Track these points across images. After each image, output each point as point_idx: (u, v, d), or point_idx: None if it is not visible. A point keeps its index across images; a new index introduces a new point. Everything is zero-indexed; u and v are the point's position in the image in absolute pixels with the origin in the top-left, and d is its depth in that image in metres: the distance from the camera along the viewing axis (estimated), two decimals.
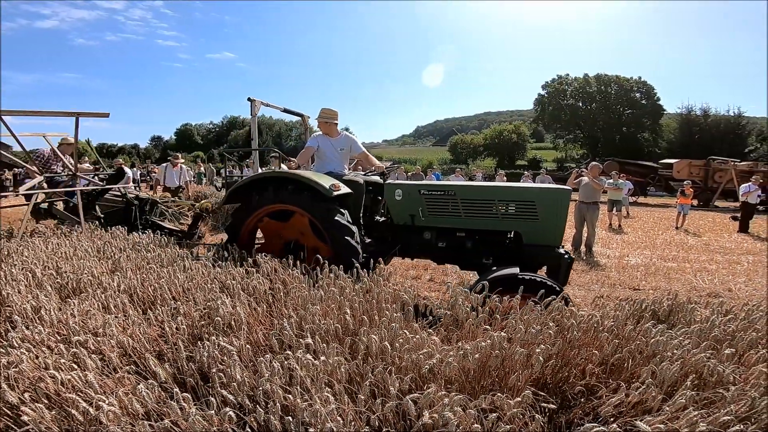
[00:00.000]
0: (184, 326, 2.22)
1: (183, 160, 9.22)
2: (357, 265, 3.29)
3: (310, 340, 1.99)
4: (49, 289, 2.73)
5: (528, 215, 3.75)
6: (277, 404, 1.51)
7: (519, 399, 1.50)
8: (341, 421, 1.47)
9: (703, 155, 24.27)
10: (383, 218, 4.58)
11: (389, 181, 4.24)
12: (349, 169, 4.81)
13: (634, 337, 2.17)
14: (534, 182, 13.10)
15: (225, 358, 1.88)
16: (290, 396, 1.60)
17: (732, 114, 42.54)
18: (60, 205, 6.14)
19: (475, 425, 1.36)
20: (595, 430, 1.26)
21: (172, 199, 6.92)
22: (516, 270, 3.20)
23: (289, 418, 1.46)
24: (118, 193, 6.27)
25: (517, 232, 3.85)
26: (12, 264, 3.26)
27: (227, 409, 1.47)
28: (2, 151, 6.11)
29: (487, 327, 2.26)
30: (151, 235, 4.38)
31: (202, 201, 7.06)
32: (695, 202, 17.93)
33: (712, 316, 2.36)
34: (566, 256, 3.67)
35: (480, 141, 62.99)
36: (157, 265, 3.23)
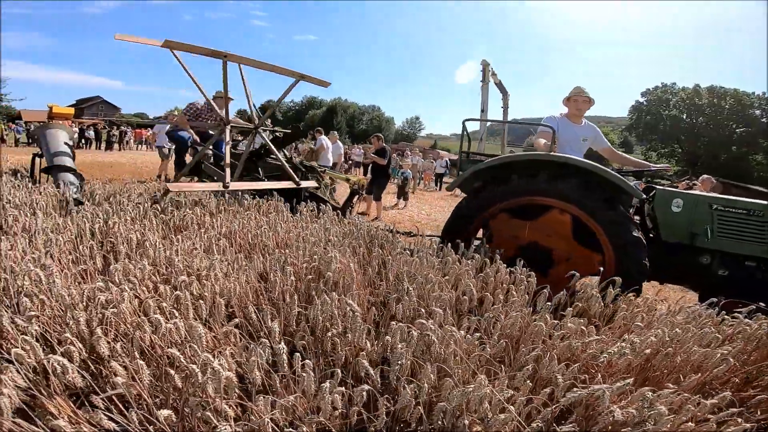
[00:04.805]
0: (292, 278, 1.96)
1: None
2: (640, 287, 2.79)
3: (437, 309, 1.69)
4: (154, 222, 2.65)
5: None
6: (425, 385, 1.19)
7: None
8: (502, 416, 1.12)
9: None
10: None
11: (661, 187, 3.38)
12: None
13: None
14: None
15: (348, 323, 1.60)
16: (430, 375, 1.29)
17: None
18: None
19: (689, 424, 1.12)
20: None
21: (322, 168, 6.37)
22: None
23: (443, 404, 1.13)
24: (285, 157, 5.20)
25: None
26: (121, 197, 3.29)
27: (364, 386, 1.16)
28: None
29: (639, 323, 2.06)
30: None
31: (358, 176, 6.68)
32: None
33: None
34: None
35: None
36: (255, 212, 3.08)
